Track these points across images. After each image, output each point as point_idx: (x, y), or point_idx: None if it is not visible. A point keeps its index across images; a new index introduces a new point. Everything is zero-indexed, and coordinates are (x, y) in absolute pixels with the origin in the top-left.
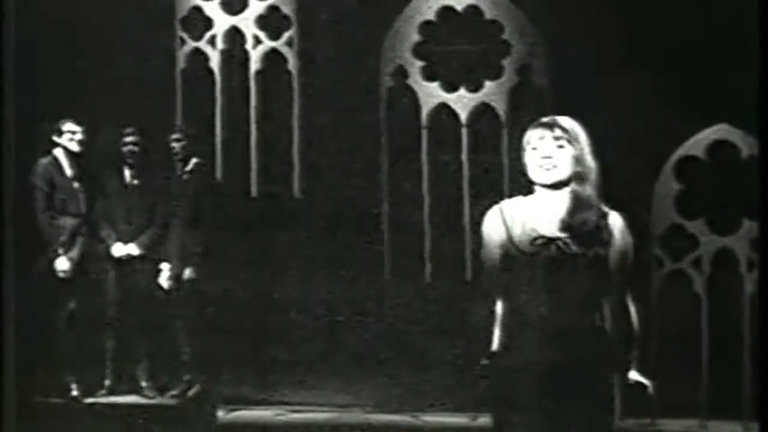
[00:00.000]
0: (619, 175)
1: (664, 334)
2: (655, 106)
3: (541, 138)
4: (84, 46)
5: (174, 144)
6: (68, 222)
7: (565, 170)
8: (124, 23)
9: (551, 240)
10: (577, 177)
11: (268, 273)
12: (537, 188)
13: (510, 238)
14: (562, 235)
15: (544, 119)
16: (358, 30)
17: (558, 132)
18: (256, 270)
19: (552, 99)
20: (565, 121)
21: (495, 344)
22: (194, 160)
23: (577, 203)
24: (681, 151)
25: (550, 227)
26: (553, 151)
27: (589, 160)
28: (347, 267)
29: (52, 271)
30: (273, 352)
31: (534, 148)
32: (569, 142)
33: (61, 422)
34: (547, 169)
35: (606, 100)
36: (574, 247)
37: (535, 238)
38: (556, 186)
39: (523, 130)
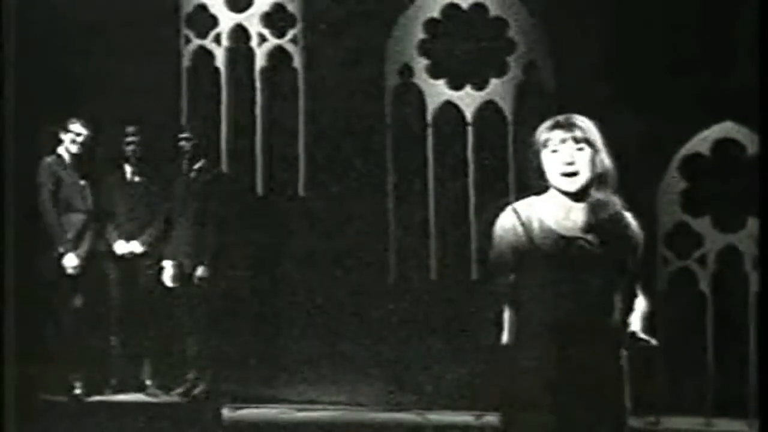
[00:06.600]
0: (623, 173)
1: (669, 331)
2: (660, 103)
3: (563, 141)
4: (88, 45)
5: (182, 143)
6: (75, 219)
7: (585, 174)
8: (128, 21)
9: (572, 240)
10: (598, 180)
11: (273, 271)
12: (552, 188)
13: (530, 239)
14: (582, 235)
15: (561, 119)
16: (364, 28)
17: (578, 134)
18: (261, 268)
19: (557, 97)
20: (581, 121)
21: (504, 340)
22: (202, 161)
23: (598, 205)
24: (686, 149)
25: (570, 227)
26: (574, 154)
27: (607, 161)
28: (352, 265)
29: (60, 268)
30: (278, 351)
31: (554, 151)
32: (588, 143)
33: (64, 421)
34: (570, 175)
35: (611, 98)
36: (594, 247)
37: (556, 239)
38: (578, 194)
39: (529, 128)
